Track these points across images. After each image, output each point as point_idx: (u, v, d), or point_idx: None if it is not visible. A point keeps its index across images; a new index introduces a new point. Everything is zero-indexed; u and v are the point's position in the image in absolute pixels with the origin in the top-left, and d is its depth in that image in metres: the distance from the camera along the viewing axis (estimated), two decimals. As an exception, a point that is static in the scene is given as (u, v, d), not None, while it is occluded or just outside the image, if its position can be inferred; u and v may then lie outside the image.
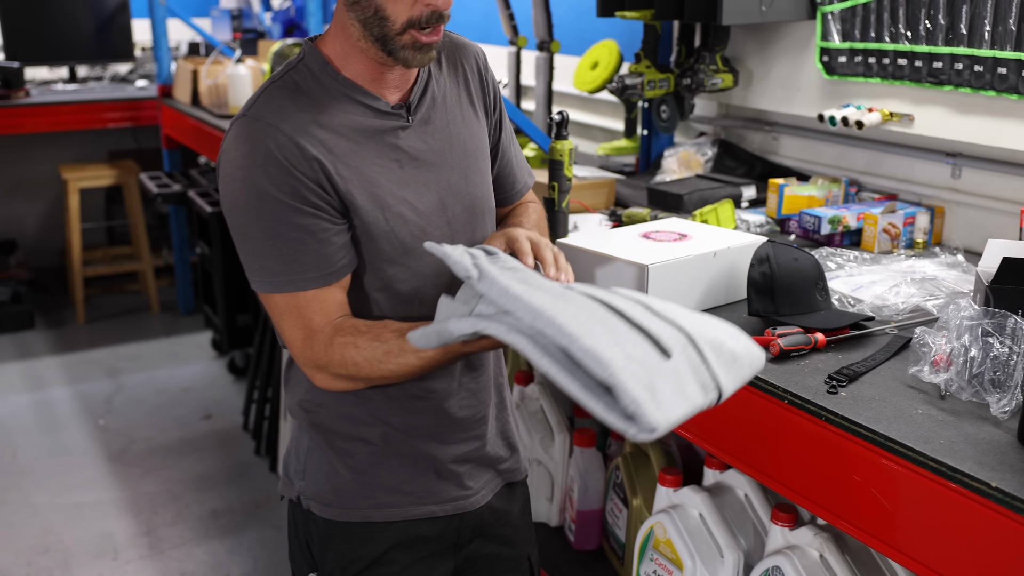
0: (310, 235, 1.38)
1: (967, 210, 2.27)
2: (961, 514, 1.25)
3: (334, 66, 1.42)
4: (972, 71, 2.08)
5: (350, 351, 1.38)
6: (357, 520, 1.56)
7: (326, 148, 1.38)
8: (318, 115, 1.39)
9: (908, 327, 1.71)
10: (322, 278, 1.40)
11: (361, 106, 1.42)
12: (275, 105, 1.39)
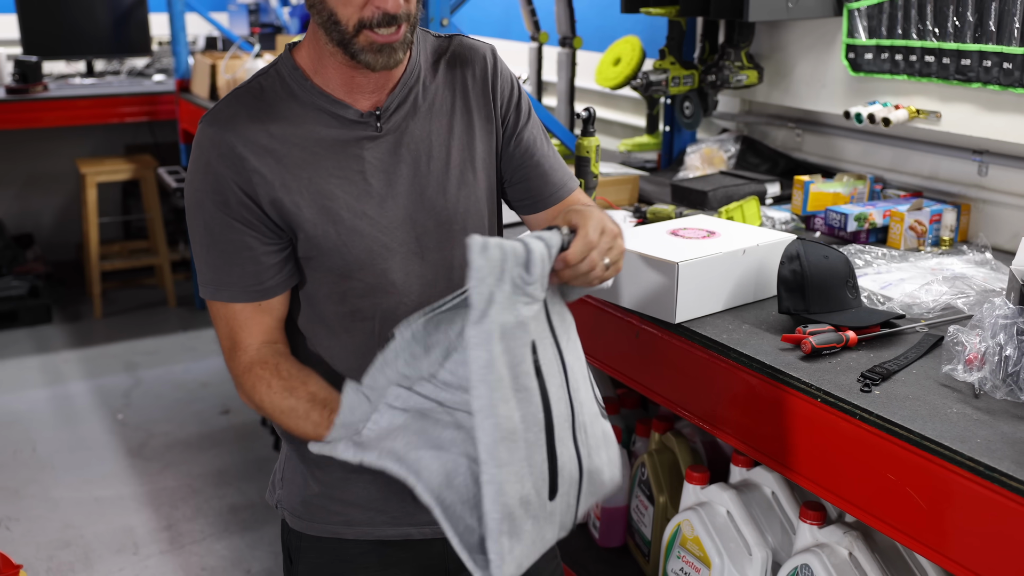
0: (239, 249, 1.39)
1: (994, 208, 2.26)
2: (999, 513, 1.25)
3: (304, 73, 1.40)
4: (1001, 68, 2.07)
5: (261, 388, 1.39)
6: (327, 535, 1.52)
7: (274, 159, 1.37)
8: (273, 124, 1.37)
9: (939, 325, 1.71)
10: (246, 294, 1.40)
11: (326, 114, 1.40)
12: (230, 112, 1.38)
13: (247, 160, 1.36)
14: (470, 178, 1.48)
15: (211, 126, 1.38)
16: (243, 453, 3.92)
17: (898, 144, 2.45)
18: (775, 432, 1.59)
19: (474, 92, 1.50)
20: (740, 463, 2.06)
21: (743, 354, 1.62)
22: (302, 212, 1.38)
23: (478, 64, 1.51)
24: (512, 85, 1.55)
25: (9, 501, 3.56)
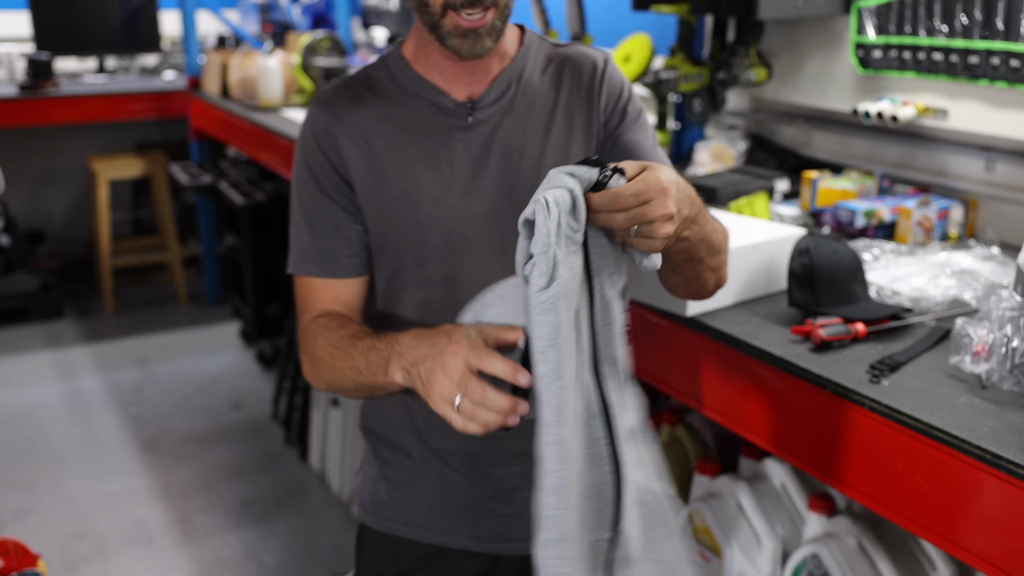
0: (324, 224, 1.43)
1: (1001, 204, 2.29)
2: (1006, 500, 1.28)
3: (407, 62, 1.46)
4: (1008, 66, 2.09)
5: (319, 334, 1.40)
6: (387, 532, 1.56)
7: (366, 142, 1.42)
8: (371, 110, 1.43)
9: (947, 318, 1.73)
10: (322, 268, 1.44)
11: (423, 100, 1.44)
12: (333, 95, 1.46)
13: (340, 140, 1.42)
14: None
15: (316, 106, 1.46)
16: (255, 447, 3.96)
17: (906, 141, 2.48)
18: (785, 423, 1.62)
19: (578, 96, 1.49)
20: (750, 455, 2.09)
21: (754, 346, 1.65)
22: (383, 195, 1.42)
23: (586, 69, 1.50)
24: (621, 90, 1.52)
25: (23, 494, 3.60)
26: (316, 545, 3.29)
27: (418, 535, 1.54)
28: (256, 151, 4.24)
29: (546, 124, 1.46)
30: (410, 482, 1.53)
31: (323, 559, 3.22)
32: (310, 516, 3.47)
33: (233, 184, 4.43)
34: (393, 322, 1.48)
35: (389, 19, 5.24)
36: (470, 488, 1.50)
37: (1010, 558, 1.28)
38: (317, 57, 4.53)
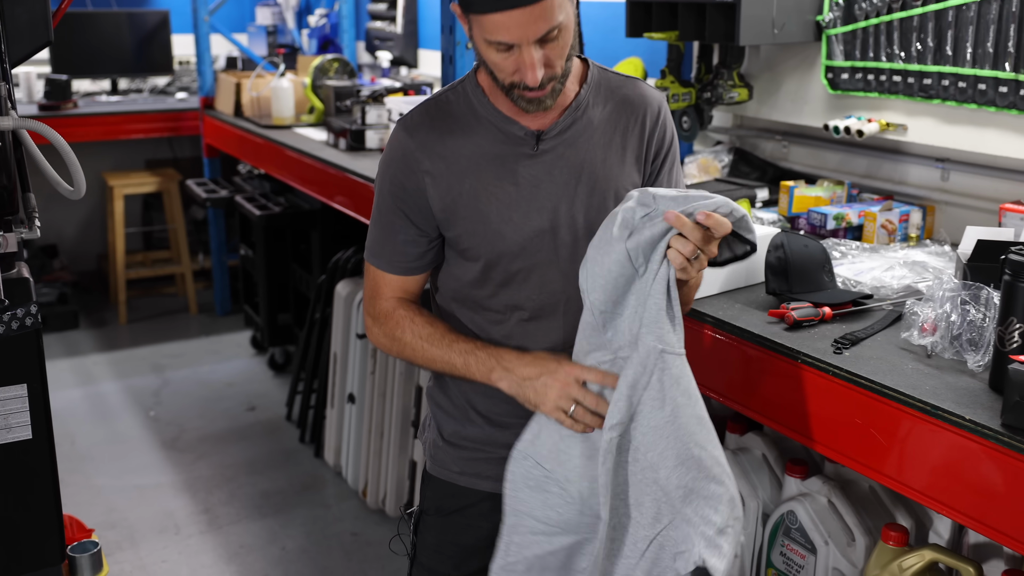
0: (395, 232, 1.71)
1: (954, 208, 2.58)
2: (944, 443, 1.55)
3: (484, 91, 1.69)
4: (957, 87, 2.38)
5: (405, 324, 1.73)
6: (444, 479, 1.83)
7: (445, 165, 1.66)
8: (450, 136, 1.66)
9: (901, 303, 2.01)
10: (393, 267, 1.74)
11: (496, 129, 1.67)
12: (418, 120, 1.69)
13: (422, 163, 1.67)
14: (611, 204, 1.65)
15: (402, 130, 1.70)
16: (271, 445, 4.20)
17: (872, 154, 2.77)
18: (764, 391, 1.89)
19: (631, 134, 1.71)
20: (735, 430, 2.37)
21: (736, 327, 1.92)
22: (459, 211, 1.67)
23: (645, 112, 1.72)
24: (668, 137, 1.76)
25: (57, 487, 3.83)
26: (334, 532, 3.54)
27: (469, 482, 1.82)
28: (270, 166, 4.51)
29: (604, 154, 1.69)
30: (460, 439, 1.81)
31: (341, 544, 3.46)
32: (327, 506, 3.72)
33: (248, 198, 4.69)
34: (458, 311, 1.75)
35: (393, 43, 5.53)
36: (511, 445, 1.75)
37: (948, 492, 1.56)
38: (327, 78, 4.82)
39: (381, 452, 3.55)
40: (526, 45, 1.52)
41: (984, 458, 1.49)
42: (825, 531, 2.02)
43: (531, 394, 1.61)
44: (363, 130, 4.01)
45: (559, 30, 1.53)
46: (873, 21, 2.54)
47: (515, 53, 1.54)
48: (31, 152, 2.02)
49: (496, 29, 1.51)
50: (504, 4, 1.48)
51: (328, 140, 4.21)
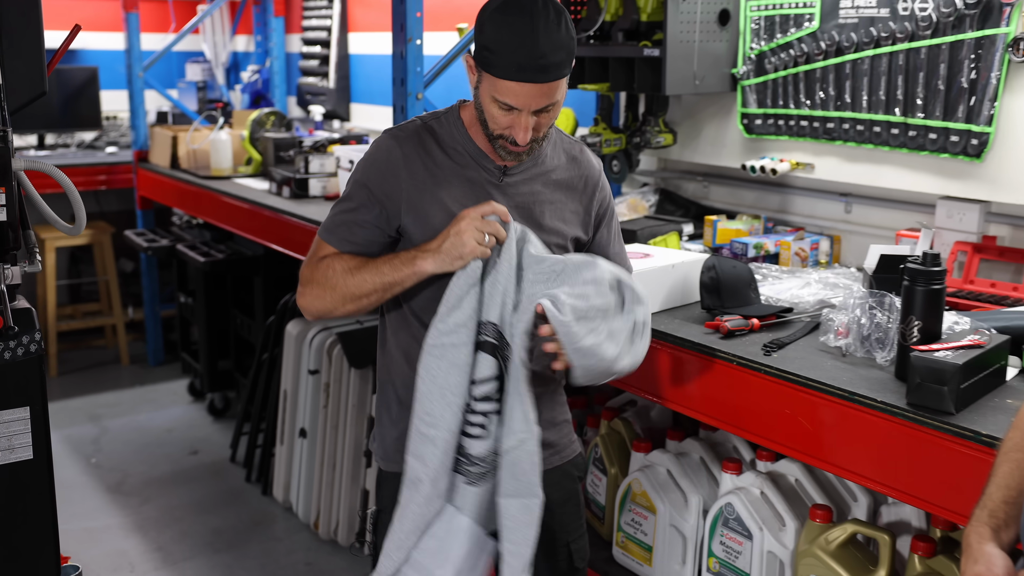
0: (355, 216, 1.91)
1: (857, 236, 2.91)
2: (858, 424, 1.83)
3: (464, 124, 1.93)
4: (856, 129, 2.72)
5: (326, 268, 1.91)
6: (399, 471, 1.95)
7: (424, 178, 1.89)
8: (429, 154, 1.91)
9: (816, 314, 2.30)
10: (340, 243, 1.93)
11: (470, 158, 1.92)
12: (406, 134, 1.93)
13: (402, 168, 1.89)
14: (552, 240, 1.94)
15: (390, 137, 1.93)
16: (217, 486, 4.30)
17: (784, 190, 3.10)
18: (705, 393, 2.15)
19: (581, 188, 2.01)
20: (674, 437, 2.62)
21: (678, 337, 2.19)
22: (429, 218, 1.88)
23: (592, 174, 2.03)
24: (608, 200, 2.07)
25: (6, 532, 3.87)
26: (288, 563, 3.67)
27: None
28: (212, 215, 4.66)
29: (551, 196, 1.97)
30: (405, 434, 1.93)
31: (296, 574, 3.59)
32: (279, 540, 3.84)
33: (190, 246, 4.83)
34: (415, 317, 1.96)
35: (326, 97, 5.75)
36: None
37: (865, 464, 1.83)
38: (265, 131, 5.01)
39: (333, 483, 3.70)
40: (526, 112, 1.80)
41: (894, 433, 1.77)
42: (759, 519, 2.27)
43: (453, 254, 1.79)
44: (307, 179, 4.21)
45: (554, 105, 1.83)
46: (782, 73, 2.88)
47: (513, 114, 1.81)
48: (29, 192, 2.17)
49: (506, 93, 1.79)
50: (521, 77, 1.76)
51: (271, 189, 4.39)
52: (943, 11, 2.42)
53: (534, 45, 1.75)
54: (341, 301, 1.90)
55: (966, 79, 2.42)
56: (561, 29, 1.78)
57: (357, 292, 1.88)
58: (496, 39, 1.78)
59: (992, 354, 1.83)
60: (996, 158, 2.43)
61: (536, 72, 1.76)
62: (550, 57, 1.76)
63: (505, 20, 1.77)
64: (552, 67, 1.77)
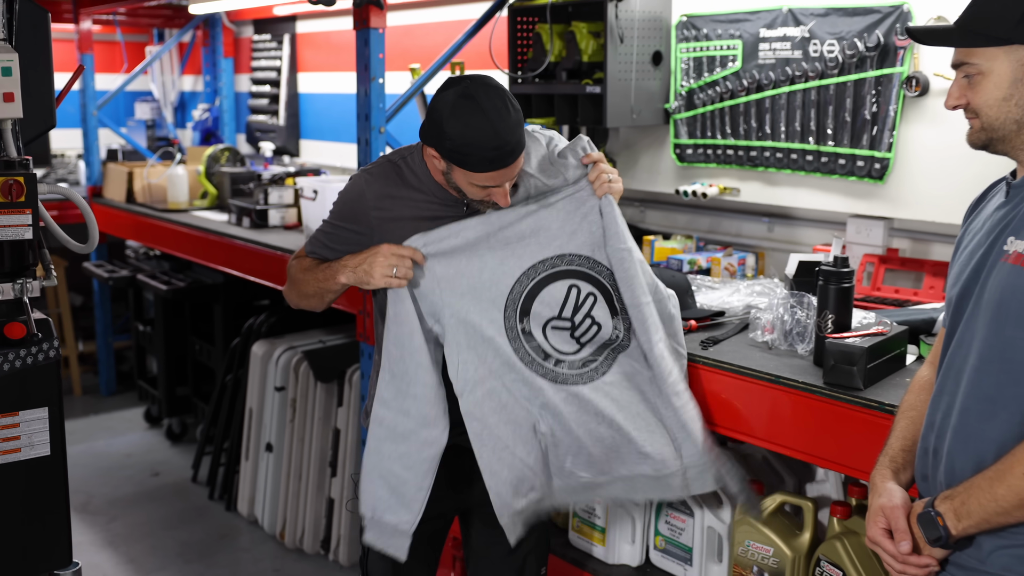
0: (334, 237, 2.23)
1: (779, 253, 3.27)
2: (784, 402, 2.15)
3: (428, 169, 2.19)
4: (776, 157, 3.09)
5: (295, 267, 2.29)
6: None
7: (392, 209, 2.17)
8: (397, 190, 2.18)
9: (745, 317, 2.63)
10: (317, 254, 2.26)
11: (434, 196, 2.19)
12: (378, 172, 2.21)
13: (372, 204, 2.17)
14: None
15: (364, 174, 2.23)
16: (181, 504, 4.47)
17: (713, 213, 3.45)
18: (650, 385, 2.46)
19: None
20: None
21: (626, 337, 2.49)
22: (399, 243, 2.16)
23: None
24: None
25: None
26: (258, 570, 3.86)
27: None
28: (172, 246, 4.86)
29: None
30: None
31: (265, 580, 3.80)
32: (246, 550, 4.03)
33: (150, 276, 5.01)
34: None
35: (275, 134, 5.99)
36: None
37: (789, 437, 2.15)
38: (220, 166, 5.24)
39: (299, 494, 3.92)
40: (502, 186, 2.09)
41: (814, 408, 2.10)
42: (699, 498, 2.58)
43: (362, 274, 2.10)
44: (266, 209, 4.46)
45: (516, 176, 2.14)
46: (709, 108, 3.24)
47: (489, 190, 2.10)
48: (43, 214, 2.40)
49: (485, 180, 2.07)
50: (494, 167, 2.04)
51: (230, 220, 4.62)
52: (847, 53, 2.80)
53: (497, 137, 1.99)
54: (298, 296, 2.31)
55: (869, 112, 2.80)
56: (510, 112, 2.02)
57: (306, 291, 2.27)
58: (462, 142, 2.00)
59: (893, 341, 2.17)
60: (896, 180, 2.81)
61: (505, 157, 2.03)
62: (511, 142, 2.02)
63: (463, 123, 1.99)
64: (516, 147, 2.03)
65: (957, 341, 1.60)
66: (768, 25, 3.02)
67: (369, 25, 3.30)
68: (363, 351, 3.54)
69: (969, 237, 1.66)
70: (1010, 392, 1.50)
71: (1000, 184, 1.67)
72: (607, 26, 3.18)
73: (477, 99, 2.00)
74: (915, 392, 1.80)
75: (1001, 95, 1.55)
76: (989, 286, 1.53)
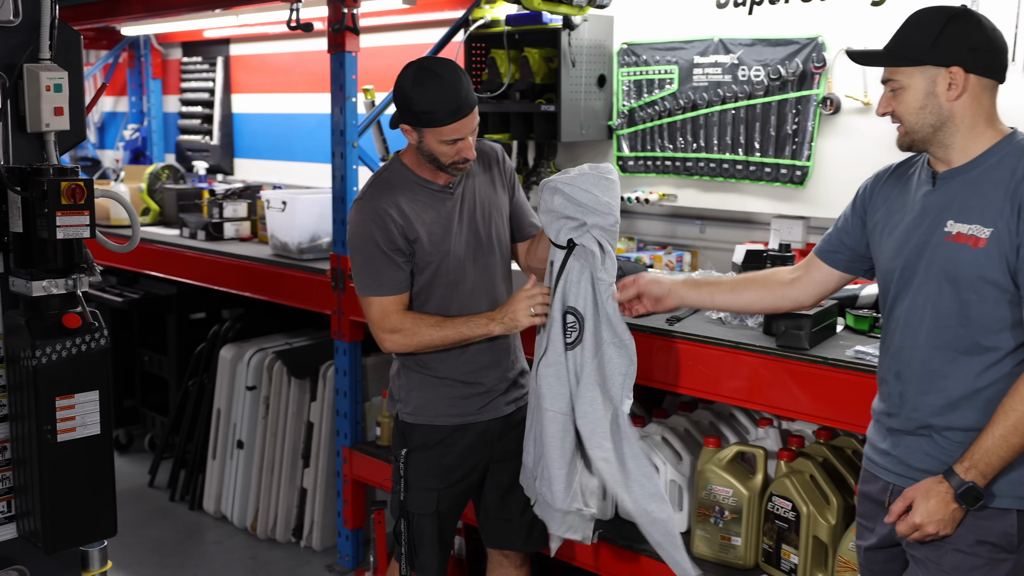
0: (388, 266, 2.55)
1: (711, 251, 3.74)
2: (743, 364, 2.60)
3: (409, 167, 2.59)
4: (709, 166, 3.56)
5: (420, 325, 2.56)
6: (425, 423, 2.66)
7: (403, 215, 2.54)
8: (399, 197, 2.55)
9: (698, 301, 3.08)
10: (392, 290, 2.58)
11: (424, 188, 2.58)
12: (375, 192, 2.57)
13: (391, 216, 2.52)
14: (497, 218, 2.70)
15: (366, 201, 2.56)
16: (143, 507, 4.65)
17: (653, 217, 3.91)
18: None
19: (495, 170, 2.72)
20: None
21: (601, 318, 2.90)
22: (421, 242, 2.54)
23: (494, 156, 2.74)
24: (512, 170, 2.78)
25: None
26: (235, 559, 4.10)
27: (443, 421, 2.65)
28: (123, 261, 5.04)
29: (486, 187, 2.68)
30: (432, 395, 2.64)
31: (244, 565, 4.04)
32: (219, 543, 4.26)
33: (100, 289, 5.18)
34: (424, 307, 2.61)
35: (209, 153, 6.20)
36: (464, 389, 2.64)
37: (746, 391, 2.60)
38: (163, 183, 5.45)
39: (271, 486, 4.18)
40: (467, 137, 2.50)
41: (769, 366, 2.56)
42: (661, 456, 3.00)
43: (509, 321, 2.51)
44: (222, 223, 4.72)
45: (477, 128, 2.55)
46: (649, 124, 3.70)
47: (457, 144, 2.50)
48: (84, 218, 2.65)
49: (451, 132, 2.48)
50: (457, 117, 2.47)
51: (183, 234, 4.85)
52: (771, 77, 3.30)
53: (455, 93, 2.46)
54: (422, 347, 2.57)
55: (790, 127, 3.30)
56: (462, 76, 2.49)
57: (440, 343, 2.56)
58: (427, 102, 2.45)
59: (828, 312, 2.65)
60: (814, 185, 3.31)
61: (465, 108, 2.47)
62: (467, 95, 2.48)
63: (425, 87, 2.45)
64: (472, 101, 2.49)
65: (910, 305, 2.00)
66: (701, 53, 3.50)
67: (344, 49, 3.64)
68: (338, 348, 3.86)
69: (898, 217, 2.07)
70: (968, 341, 1.92)
71: (911, 171, 2.09)
72: (560, 52, 3.61)
73: (432, 68, 2.48)
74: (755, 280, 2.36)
75: (918, 105, 1.98)
76: (937, 260, 1.94)
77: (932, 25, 1.96)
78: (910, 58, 1.97)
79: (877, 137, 3.02)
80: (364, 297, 2.60)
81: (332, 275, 3.79)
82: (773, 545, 2.73)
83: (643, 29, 3.73)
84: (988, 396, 1.92)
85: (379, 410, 3.84)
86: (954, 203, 1.96)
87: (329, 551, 4.09)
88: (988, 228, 1.90)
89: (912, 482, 2.00)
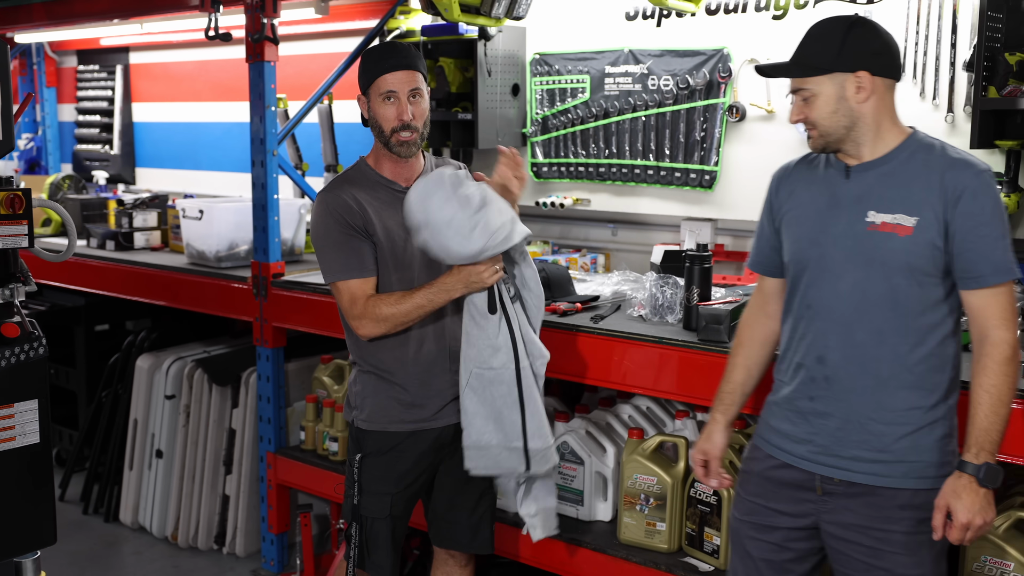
0: (354, 248, 2.61)
1: (622, 253, 3.92)
2: (665, 358, 2.76)
3: (372, 166, 2.67)
4: (621, 171, 3.74)
5: (381, 305, 2.59)
6: (379, 429, 2.71)
7: (363, 206, 2.61)
8: (359, 192, 2.63)
9: (618, 300, 3.24)
10: (362, 272, 2.62)
11: (385, 187, 2.66)
12: (338, 187, 2.64)
13: (349, 205, 2.58)
14: None
15: (330, 192, 2.62)
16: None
17: (567, 222, 4.07)
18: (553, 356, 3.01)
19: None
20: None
21: (528, 318, 3.04)
22: (378, 236, 2.60)
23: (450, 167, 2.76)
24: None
25: None
26: (155, 568, 4.08)
27: (396, 428, 2.71)
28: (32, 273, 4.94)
29: None
30: (388, 400, 2.70)
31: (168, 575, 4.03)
32: (140, 553, 4.23)
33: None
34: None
35: (109, 163, 6.11)
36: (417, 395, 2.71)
37: (669, 383, 2.77)
38: (65, 193, 5.35)
39: (192, 494, 4.17)
40: (403, 94, 2.59)
41: (690, 360, 2.73)
42: (587, 449, 3.15)
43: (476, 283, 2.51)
44: (132, 232, 4.67)
45: (420, 93, 2.64)
46: (562, 132, 3.86)
47: (395, 103, 2.59)
48: (15, 228, 2.65)
49: (386, 84, 2.59)
50: (388, 67, 2.59)
51: (91, 244, 4.79)
52: (680, 87, 3.50)
53: (390, 49, 2.66)
54: (398, 323, 2.59)
55: (698, 134, 3.50)
56: (412, 48, 2.64)
57: (416, 313, 2.58)
58: (366, 64, 2.61)
59: (743, 307, 2.83)
60: (721, 188, 3.52)
61: (398, 60, 2.60)
62: (406, 55, 2.61)
63: (368, 53, 2.64)
64: (407, 56, 2.61)
65: (832, 292, 2.13)
66: (612, 63, 3.68)
67: (263, 58, 3.69)
68: (260, 354, 3.89)
69: (806, 208, 2.19)
70: (897, 323, 2.08)
71: (814, 163, 2.22)
72: (477, 61, 3.74)
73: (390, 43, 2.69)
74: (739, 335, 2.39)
75: (830, 110, 2.11)
76: (862, 249, 2.08)
77: (834, 35, 2.10)
78: (819, 67, 2.10)
79: (781, 143, 3.24)
80: (334, 284, 2.65)
81: (254, 282, 3.82)
82: (696, 529, 2.91)
83: (555, 39, 3.88)
84: (918, 372, 2.08)
85: (302, 415, 3.89)
86: (871, 194, 2.11)
87: (253, 556, 4.11)
88: (913, 217, 2.05)
89: (844, 472, 2.13)
